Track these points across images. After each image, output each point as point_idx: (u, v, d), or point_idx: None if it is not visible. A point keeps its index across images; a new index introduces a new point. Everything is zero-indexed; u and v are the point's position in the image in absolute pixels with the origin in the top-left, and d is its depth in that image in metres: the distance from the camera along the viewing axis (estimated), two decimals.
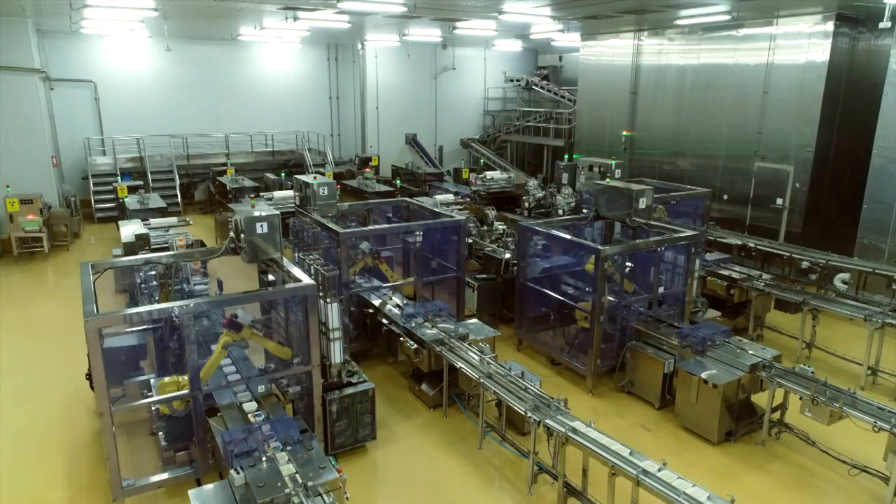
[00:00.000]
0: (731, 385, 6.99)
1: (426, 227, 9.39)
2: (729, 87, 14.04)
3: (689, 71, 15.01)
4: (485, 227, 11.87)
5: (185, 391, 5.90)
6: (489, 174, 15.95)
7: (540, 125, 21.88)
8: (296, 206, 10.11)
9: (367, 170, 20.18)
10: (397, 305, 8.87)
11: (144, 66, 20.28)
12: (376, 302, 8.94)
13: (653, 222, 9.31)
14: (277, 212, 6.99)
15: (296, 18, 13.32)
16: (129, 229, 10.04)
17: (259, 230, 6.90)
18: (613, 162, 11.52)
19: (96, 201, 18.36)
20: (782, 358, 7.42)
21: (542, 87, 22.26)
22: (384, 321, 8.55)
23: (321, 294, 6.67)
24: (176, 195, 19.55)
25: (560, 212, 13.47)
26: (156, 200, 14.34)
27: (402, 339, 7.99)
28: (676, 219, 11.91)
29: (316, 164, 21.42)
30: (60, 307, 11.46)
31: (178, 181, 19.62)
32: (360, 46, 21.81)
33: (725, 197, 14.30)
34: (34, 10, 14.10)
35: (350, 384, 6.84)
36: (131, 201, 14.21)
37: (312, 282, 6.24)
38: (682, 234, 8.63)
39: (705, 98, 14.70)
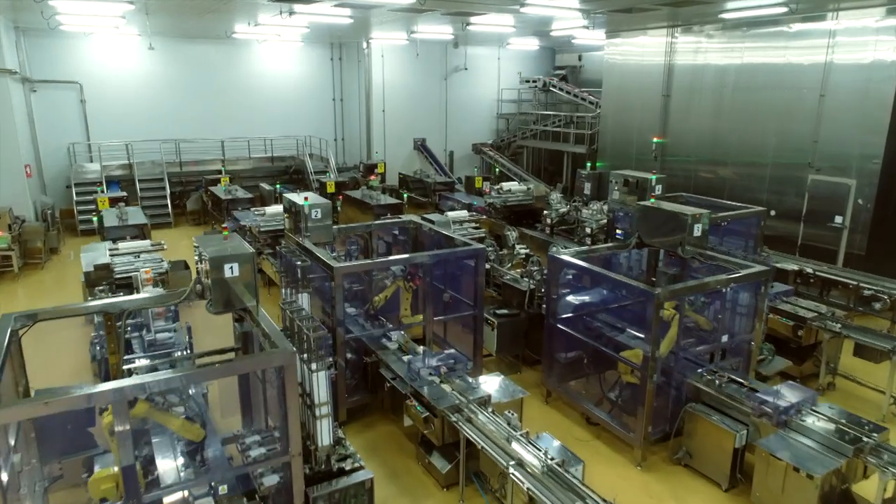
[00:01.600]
0: (830, 475, 5.45)
1: (439, 259, 7.89)
2: (778, 90, 12.46)
3: (731, 71, 13.43)
4: (504, 251, 10.35)
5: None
6: (506, 185, 14.44)
7: (559, 130, 20.32)
8: (285, 231, 8.66)
9: (373, 177, 18.70)
10: (402, 352, 7.39)
11: (134, 66, 18.90)
12: (379, 349, 7.47)
13: (708, 251, 7.78)
14: (251, 250, 5.52)
15: (291, 13, 11.87)
16: (91, 257, 8.60)
17: (228, 272, 5.44)
18: (654, 177, 9.99)
19: (80, 212, 16.98)
20: (884, 431, 5.87)
21: (560, 89, 20.69)
22: (387, 374, 7.07)
23: (304, 358, 5.20)
24: (166, 205, 18.22)
25: (588, 230, 11.96)
26: (136, 215, 12.89)
27: (408, 401, 6.50)
28: (724, 239, 10.39)
29: (318, 170, 20.00)
30: None
31: (168, 190, 18.24)
32: (365, 45, 20.34)
33: (773, 213, 12.67)
34: (4, 5, 12.73)
35: (342, 472, 5.35)
36: (109, 216, 12.78)
37: (290, 348, 4.76)
38: (753, 270, 7.08)
39: (750, 101, 13.12)
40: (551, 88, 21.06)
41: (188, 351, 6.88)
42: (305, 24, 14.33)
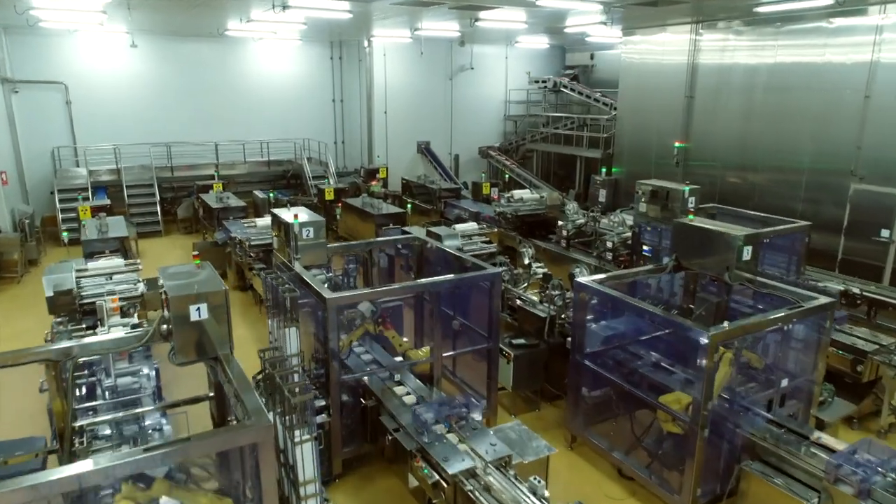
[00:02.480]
0: None
1: (448, 286, 6.88)
2: (816, 91, 11.44)
3: (762, 71, 12.40)
4: (519, 270, 9.32)
5: None
6: (517, 193, 13.42)
7: (571, 133, 19.27)
8: (273, 251, 7.66)
9: (374, 182, 17.76)
10: (407, 395, 6.40)
11: (123, 65, 17.91)
12: (377, 389, 6.47)
13: (758, 277, 6.76)
14: (222, 287, 4.53)
15: (285, 7, 10.88)
16: (54, 280, 7.59)
17: (195, 314, 4.46)
18: (687, 188, 8.96)
19: (64, 221, 15.98)
20: None
21: (572, 90, 19.65)
22: (389, 424, 6.05)
23: (286, 425, 4.20)
24: (156, 213, 17.24)
25: (609, 244, 10.94)
26: (117, 227, 11.89)
27: (415, 460, 5.49)
28: (762, 256, 9.35)
29: (317, 175, 18.99)
30: None
31: (158, 197, 17.26)
32: (366, 44, 19.32)
33: (798, 221, 11.65)
34: None
35: None
36: (89, 227, 11.80)
37: (266, 420, 3.74)
38: (817, 303, 6.04)
39: (783, 103, 12.10)
40: (562, 89, 20.01)
41: (156, 398, 5.89)
42: (302, 19, 13.34)
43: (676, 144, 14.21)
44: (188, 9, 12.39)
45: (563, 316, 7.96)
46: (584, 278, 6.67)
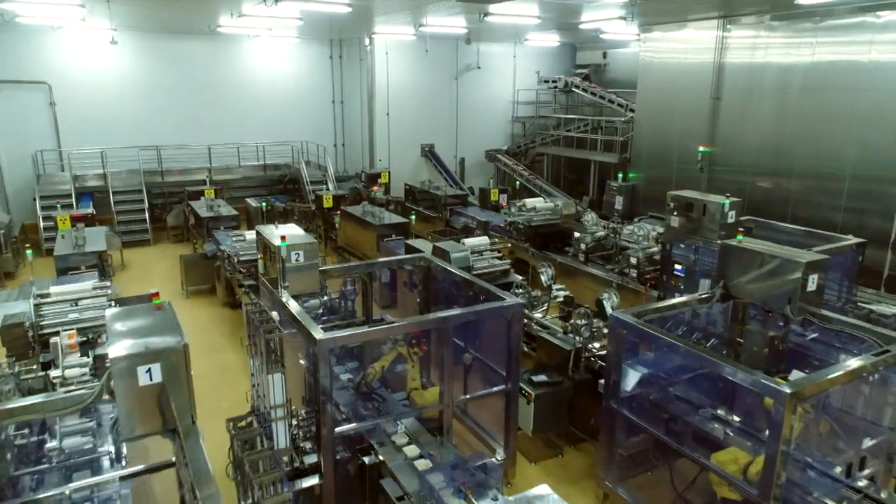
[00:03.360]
0: None
1: (461, 321, 5.89)
2: (861, 91, 10.45)
3: (798, 70, 11.41)
4: (537, 292, 8.32)
5: None
6: (529, 202, 12.44)
7: (584, 136, 18.25)
8: (258, 274, 6.69)
9: (376, 188, 16.78)
10: (409, 444, 5.43)
11: (111, 64, 16.95)
12: (379, 442, 5.49)
13: (827, 312, 5.76)
14: (183, 340, 3.57)
15: (277, 0, 9.91)
16: (7, 307, 6.63)
17: (145, 378, 3.50)
18: (727, 201, 7.95)
19: (46, 229, 15.03)
20: None
21: (584, 90, 18.63)
22: (391, 490, 5.07)
23: None
24: (145, 220, 16.28)
25: (633, 260, 9.94)
26: (96, 239, 10.94)
27: None
28: None
29: (315, 180, 18.02)
30: None
31: (147, 203, 16.31)
32: (367, 42, 18.35)
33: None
34: None
35: None
36: (64, 240, 10.85)
37: None
38: None
39: (822, 105, 11.11)
40: (574, 89, 18.99)
41: (113, 460, 4.92)
42: (297, 14, 12.36)
43: (701, 149, 13.21)
44: (173, 2, 11.42)
45: (590, 350, 6.98)
46: (622, 314, 5.66)
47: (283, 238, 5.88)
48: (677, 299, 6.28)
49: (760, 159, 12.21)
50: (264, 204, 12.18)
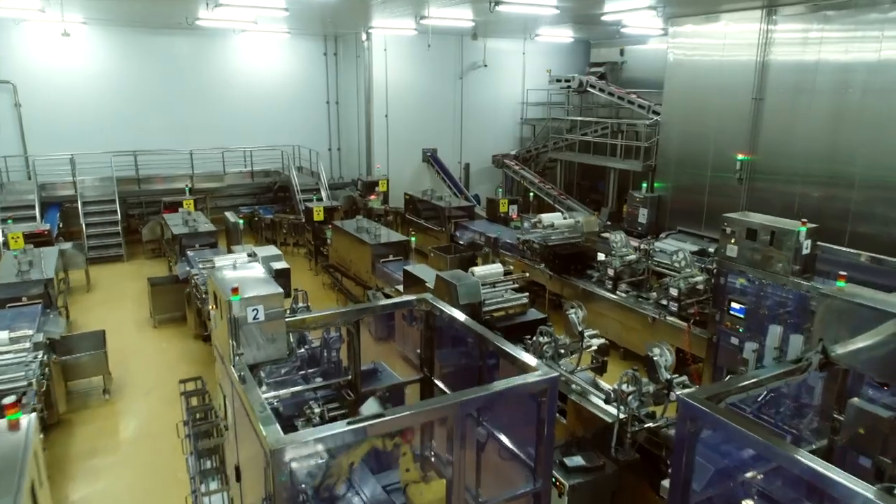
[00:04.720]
0: None
1: (482, 404, 4.34)
2: None
3: (861, 69, 9.88)
4: (565, 338, 6.74)
5: None
6: (546, 218, 10.91)
7: (603, 140, 16.65)
8: (210, 331, 5.16)
9: (373, 197, 15.33)
10: None
11: (82, 62, 15.51)
12: None
13: None
14: None
15: None
16: None
17: None
18: (803, 228, 6.41)
19: (5, 245, 13.52)
20: None
21: (601, 90, 17.05)
22: None
23: None
24: (118, 233, 14.77)
25: (674, 292, 8.39)
26: (46, 263, 9.47)
27: None
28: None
29: (308, 188, 16.52)
30: None
31: (120, 215, 14.79)
32: (364, 37, 16.82)
33: None
34: None
35: None
36: (7, 265, 9.36)
37: None
38: None
39: (890, 107, 9.54)
40: (589, 89, 17.42)
41: None
42: (282, 4, 10.82)
43: (739, 157, 11.67)
44: None
45: (637, 422, 5.44)
46: (697, 399, 4.10)
47: (235, 290, 4.33)
48: (765, 373, 4.72)
49: (812, 168, 10.67)
50: (242, 221, 10.64)
